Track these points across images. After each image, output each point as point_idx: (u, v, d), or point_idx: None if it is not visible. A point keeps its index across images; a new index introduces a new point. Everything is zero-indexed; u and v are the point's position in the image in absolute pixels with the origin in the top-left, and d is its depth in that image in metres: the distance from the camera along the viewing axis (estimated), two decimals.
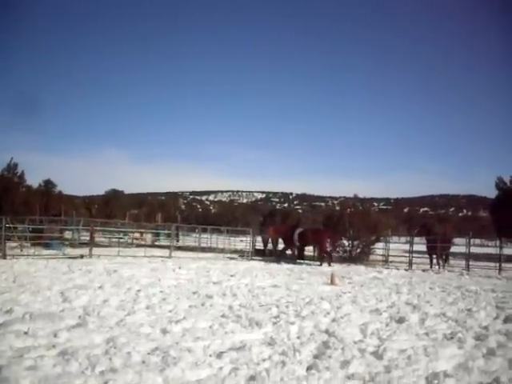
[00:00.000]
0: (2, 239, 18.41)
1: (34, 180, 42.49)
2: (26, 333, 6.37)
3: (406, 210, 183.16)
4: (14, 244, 21.20)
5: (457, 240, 24.37)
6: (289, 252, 23.32)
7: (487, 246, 44.97)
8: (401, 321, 8.14)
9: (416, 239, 23.42)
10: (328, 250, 21.78)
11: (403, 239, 31.25)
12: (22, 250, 20.54)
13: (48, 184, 41.62)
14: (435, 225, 24.17)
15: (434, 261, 21.67)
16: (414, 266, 20.98)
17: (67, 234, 28.60)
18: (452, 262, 22.84)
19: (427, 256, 22.45)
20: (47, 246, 22.83)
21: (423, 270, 19.66)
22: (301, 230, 22.06)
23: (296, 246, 22.60)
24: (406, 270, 19.95)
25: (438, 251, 21.56)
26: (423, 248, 23.11)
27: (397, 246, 26.18)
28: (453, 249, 23.16)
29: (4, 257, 17.61)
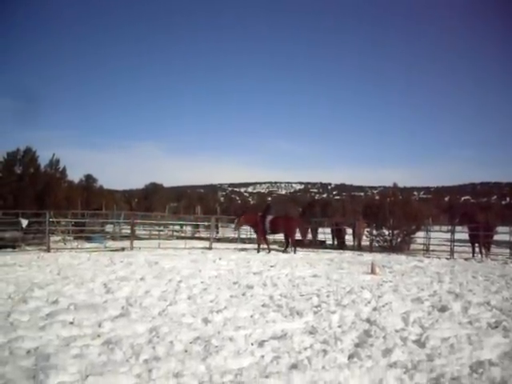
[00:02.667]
0: (46, 233, 18.85)
1: (75, 175, 43.57)
2: (71, 323, 6.54)
3: (446, 198, 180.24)
4: (58, 238, 21.67)
5: (500, 228, 23.86)
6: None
7: None
8: (443, 309, 8.03)
9: (457, 228, 23.01)
10: (297, 237, 22.02)
11: (444, 228, 30.66)
12: (65, 244, 20.99)
13: (89, 179, 42.49)
14: (477, 213, 23.65)
15: (477, 249, 21.25)
16: (455, 255, 20.57)
17: (108, 228, 29.09)
18: (496, 250, 22.31)
19: (469, 245, 22.07)
20: (89, 239, 23.28)
21: (465, 259, 19.29)
22: (272, 217, 21.78)
23: (266, 234, 22.32)
24: (447, 258, 19.60)
25: (481, 239, 21.16)
26: (465, 237, 22.71)
27: (438, 234, 25.73)
28: (496, 237, 22.66)
29: (48, 250, 18.02)
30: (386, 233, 24.35)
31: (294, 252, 20.79)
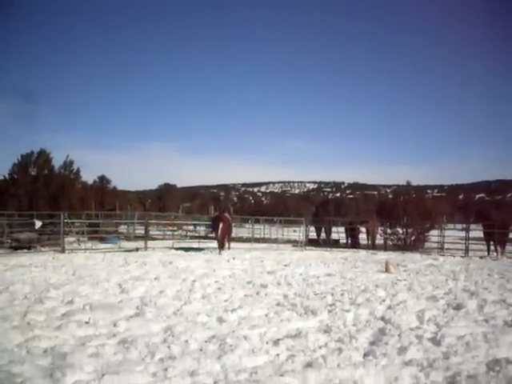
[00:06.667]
0: (61, 234, 18.95)
1: (89, 176, 43.69)
2: (87, 322, 6.59)
3: (460, 196, 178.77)
4: (72, 239, 21.74)
5: None
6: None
7: None
8: (458, 307, 8.01)
9: (472, 226, 22.85)
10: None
11: (459, 226, 30.48)
12: (79, 244, 21.05)
13: (103, 180, 42.73)
14: (492, 210, 23.44)
15: (492, 247, 21.10)
16: (470, 253, 20.44)
17: (122, 228, 29.19)
18: (511, 248, 22.15)
19: (484, 243, 21.90)
20: (103, 239, 23.37)
21: (480, 257, 19.17)
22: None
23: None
24: (462, 256, 19.51)
25: (496, 237, 20.99)
26: (480, 235, 22.55)
27: (452, 233, 25.51)
28: (511, 235, 22.46)
29: (63, 251, 18.11)
30: (400, 231, 24.24)
31: (228, 248, 20.61)
